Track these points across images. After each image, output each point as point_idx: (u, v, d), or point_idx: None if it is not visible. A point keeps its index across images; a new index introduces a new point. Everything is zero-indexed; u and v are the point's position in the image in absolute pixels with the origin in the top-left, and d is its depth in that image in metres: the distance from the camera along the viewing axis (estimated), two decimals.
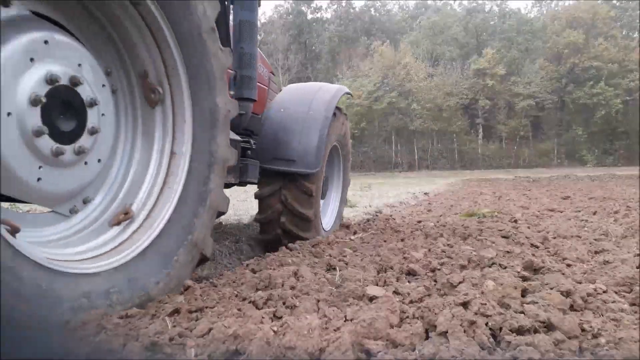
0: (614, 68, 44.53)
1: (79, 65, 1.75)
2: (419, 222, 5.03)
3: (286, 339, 1.36)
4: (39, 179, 1.62)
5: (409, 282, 2.24)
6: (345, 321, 1.56)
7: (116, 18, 1.95)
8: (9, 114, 1.49)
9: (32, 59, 1.57)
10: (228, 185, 3.23)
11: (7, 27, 1.52)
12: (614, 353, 1.35)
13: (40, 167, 1.62)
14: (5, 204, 2.18)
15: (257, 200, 3.83)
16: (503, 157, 46.76)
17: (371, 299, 1.85)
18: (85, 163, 1.83)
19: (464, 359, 1.26)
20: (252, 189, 3.90)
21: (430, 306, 1.61)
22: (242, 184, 3.53)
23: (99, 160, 1.89)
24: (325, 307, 1.74)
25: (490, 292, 1.80)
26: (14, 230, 1.48)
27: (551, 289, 1.88)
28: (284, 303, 1.78)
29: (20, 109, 1.52)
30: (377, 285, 2.12)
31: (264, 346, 1.33)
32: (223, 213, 2.32)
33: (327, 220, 4.51)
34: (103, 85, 1.87)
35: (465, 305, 1.61)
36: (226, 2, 2.90)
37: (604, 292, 1.86)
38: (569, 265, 2.60)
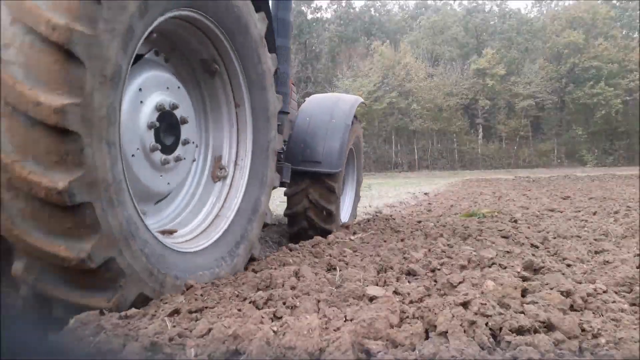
0: (614, 68, 44.44)
1: (187, 116, 2.51)
2: (419, 222, 5.02)
3: (286, 339, 1.36)
4: (132, 155, 2.16)
5: (409, 282, 2.24)
6: (345, 321, 1.56)
7: (220, 115, 2.87)
8: (141, 102, 2.24)
9: (167, 87, 2.40)
10: None
11: (163, 68, 2.50)
12: (614, 353, 1.35)
13: (137, 149, 2.19)
14: None
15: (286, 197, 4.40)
16: (503, 157, 46.68)
17: (371, 299, 1.85)
18: (161, 176, 2.37)
19: (464, 359, 1.26)
20: None
21: (430, 306, 1.60)
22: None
23: (169, 183, 2.44)
24: (326, 307, 1.74)
25: (490, 292, 1.80)
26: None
27: (551, 289, 1.88)
28: (284, 303, 1.78)
29: (150, 106, 2.25)
30: (377, 285, 2.12)
31: (264, 346, 1.33)
32: (254, 258, 2.85)
33: (344, 214, 5.07)
34: (192, 142, 2.60)
35: (465, 305, 1.61)
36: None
37: (604, 292, 1.86)
38: (569, 266, 2.60)
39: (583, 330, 1.51)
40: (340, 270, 2.42)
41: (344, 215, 5.06)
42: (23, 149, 1.54)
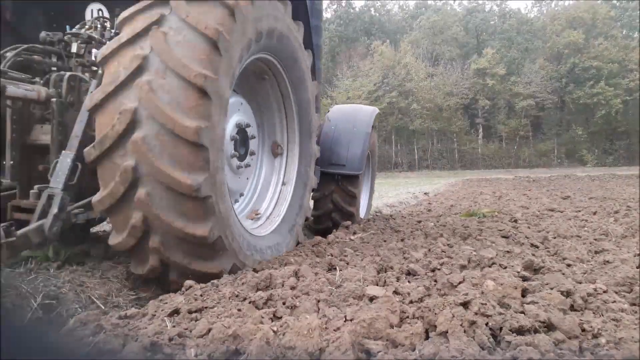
0: (614, 68, 44.40)
1: (255, 152, 3.35)
2: (419, 222, 5.02)
3: (286, 339, 1.36)
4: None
5: (409, 282, 2.24)
6: (345, 321, 1.55)
7: (268, 185, 3.67)
8: (238, 109, 3.18)
9: (250, 125, 3.31)
10: None
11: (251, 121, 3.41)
12: (614, 353, 1.35)
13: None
14: None
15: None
16: (503, 157, 46.62)
17: (371, 299, 1.84)
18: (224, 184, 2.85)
19: (464, 359, 1.26)
20: None
21: (430, 306, 1.60)
22: None
23: (223, 182, 2.84)
24: (326, 307, 1.74)
25: (491, 292, 1.80)
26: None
27: (551, 289, 1.87)
28: (284, 303, 1.78)
29: (239, 118, 3.18)
30: (377, 285, 2.11)
31: (264, 346, 1.33)
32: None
33: (361, 208, 5.51)
34: (247, 178, 3.45)
35: (465, 305, 1.61)
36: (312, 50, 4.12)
37: (604, 292, 1.86)
38: (569, 265, 2.60)
39: (583, 330, 1.51)
40: (340, 270, 2.42)
41: (361, 210, 5.36)
42: (171, 156, 2.20)
